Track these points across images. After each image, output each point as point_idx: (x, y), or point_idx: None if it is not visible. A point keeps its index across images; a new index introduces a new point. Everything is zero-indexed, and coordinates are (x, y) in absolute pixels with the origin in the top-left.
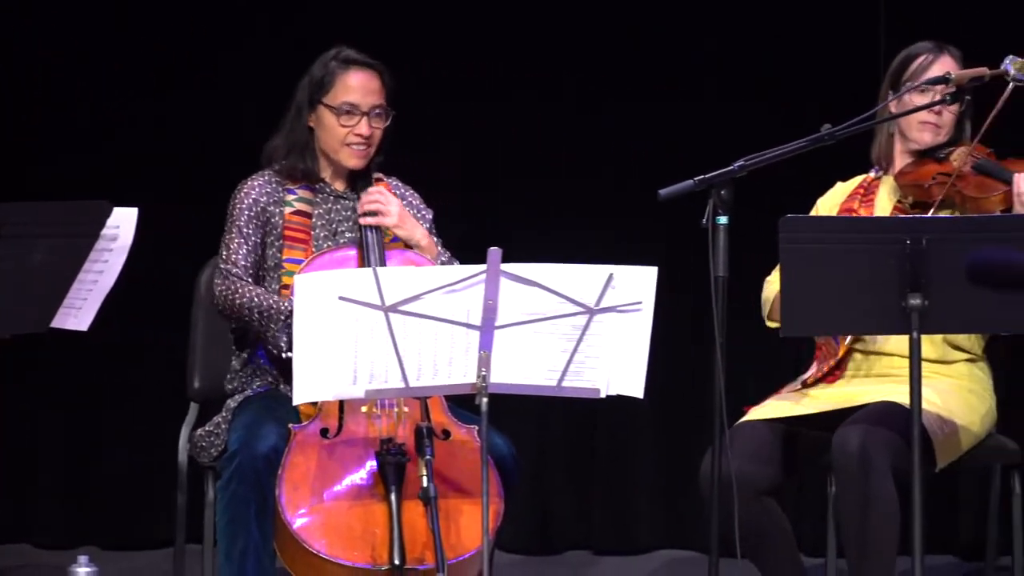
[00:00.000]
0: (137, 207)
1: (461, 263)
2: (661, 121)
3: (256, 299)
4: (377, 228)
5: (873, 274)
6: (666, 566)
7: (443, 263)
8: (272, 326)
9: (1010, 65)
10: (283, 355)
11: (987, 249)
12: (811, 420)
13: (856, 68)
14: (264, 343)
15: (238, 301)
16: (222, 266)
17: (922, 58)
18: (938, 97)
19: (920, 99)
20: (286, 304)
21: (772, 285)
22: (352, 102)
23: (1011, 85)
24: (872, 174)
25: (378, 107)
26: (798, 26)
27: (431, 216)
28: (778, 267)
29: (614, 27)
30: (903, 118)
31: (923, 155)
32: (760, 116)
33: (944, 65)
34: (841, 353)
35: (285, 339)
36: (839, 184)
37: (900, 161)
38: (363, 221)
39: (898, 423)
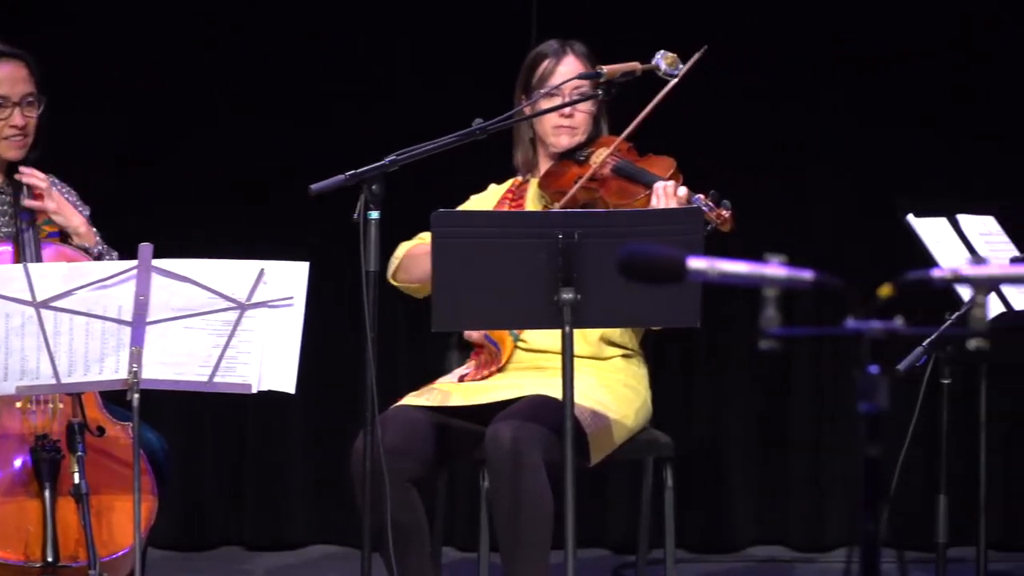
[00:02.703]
0: None
1: (120, 257)
2: (318, 116)
3: None
4: (34, 221)
5: (525, 268)
6: (319, 561)
7: (100, 252)
8: None
9: (661, 60)
10: None
11: (637, 243)
12: (465, 412)
13: (509, 63)
14: None
15: None
16: None
17: (547, 62)
18: (568, 98)
19: (552, 101)
20: None
21: (403, 247)
22: (2, 94)
23: (671, 82)
24: (521, 177)
25: (29, 95)
26: (452, 21)
27: (88, 213)
28: (418, 236)
29: (277, 22)
30: (539, 125)
31: (564, 157)
32: (419, 112)
33: (568, 65)
34: (503, 361)
35: None
36: (492, 186)
37: (544, 165)
38: (25, 203)
39: (551, 417)
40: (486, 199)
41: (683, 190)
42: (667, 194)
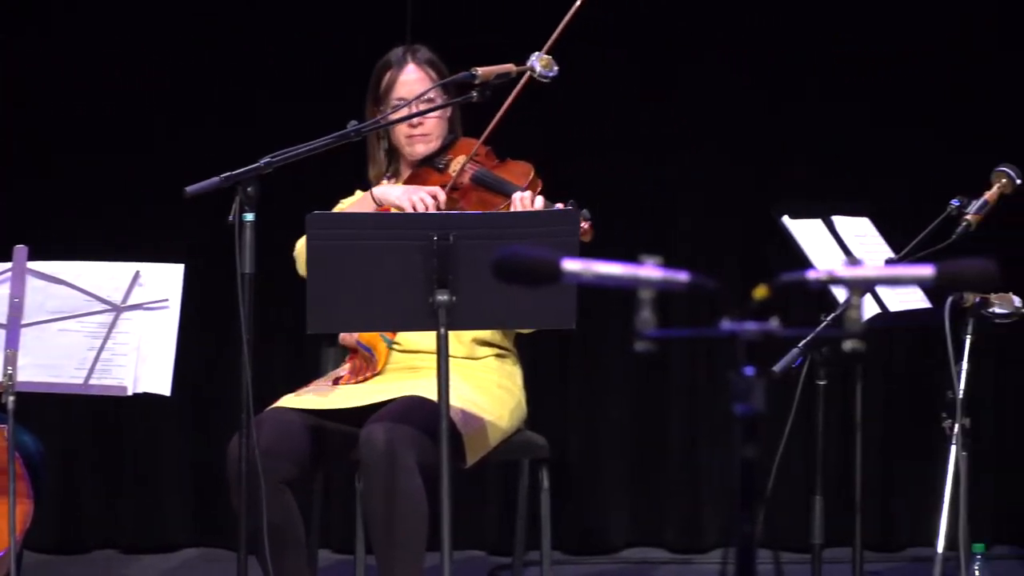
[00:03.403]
0: None
1: None
2: (191, 123)
3: None
4: None
5: (401, 270)
6: (195, 563)
7: None
8: None
9: (536, 61)
10: None
11: (511, 246)
12: (341, 414)
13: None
14: None
15: None
16: None
17: (391, 71)
18: (416, 108)
19: (407, 110)
20: None
21: (302, 240)
22: None
23: (524, 79)
24: (386, 181)
25: None
26: (327, 22)
27: None
28: None
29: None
30: (393, 135)
31: (424, 163)
32: (298, 116)
33: (410, 73)
34: (380, 366)
35: None
36: (359, 192)
37: (406, 171)
38: None
39: (425, 418)
40: (353, 203)
41: (540, 201)
42: (524, 206)
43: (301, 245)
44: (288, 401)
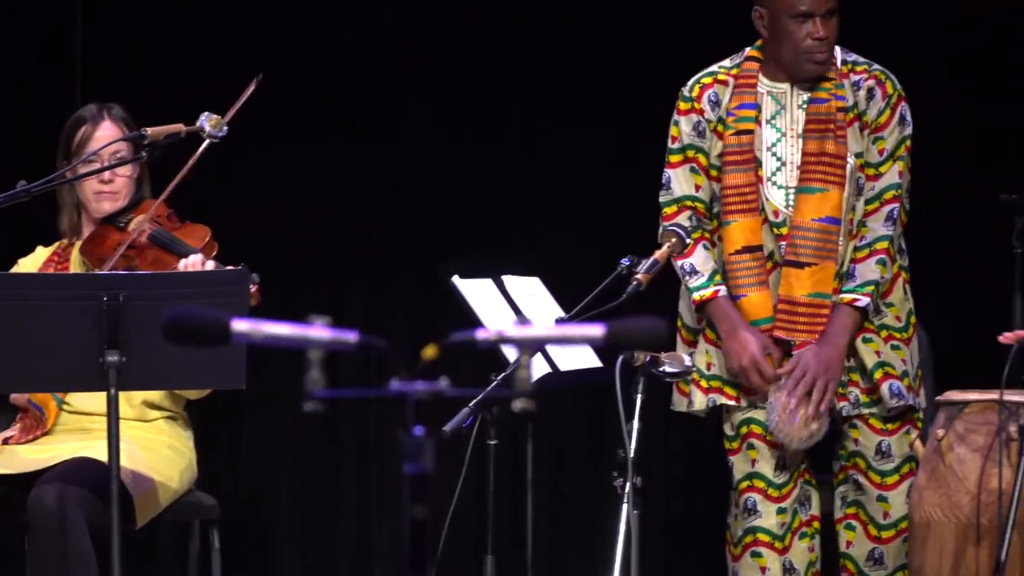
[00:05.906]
0: None
1: None
2: None
3: None
4: None
5: (71, 331)
6: None
7: None
8: None
9: (206, 122)
10: None
11: (182, 306)
12: (8, 477)
13: (57, 125)
14: None
15: None
16: None
17: (85, 127)
18: (107, 162)
19: (92, 166)
20: None
21: None
22: None
23: (206, 142)
24: (66, 240)
25: None
26: None
27: None
28: None
29: None
30: (80, 190)
31: (106, 221)
32: None
33: (105, 130)
34: (49, 425)
35: None
36: (40, 248)
37: (88, 229)
38: None
39: (95, 479)
40: (34, 261)
41: (211, 264)
42: (195, 269)
43: None
44: None
